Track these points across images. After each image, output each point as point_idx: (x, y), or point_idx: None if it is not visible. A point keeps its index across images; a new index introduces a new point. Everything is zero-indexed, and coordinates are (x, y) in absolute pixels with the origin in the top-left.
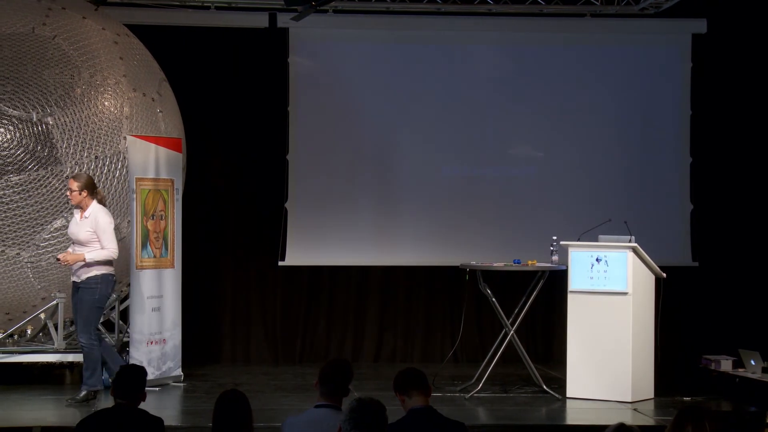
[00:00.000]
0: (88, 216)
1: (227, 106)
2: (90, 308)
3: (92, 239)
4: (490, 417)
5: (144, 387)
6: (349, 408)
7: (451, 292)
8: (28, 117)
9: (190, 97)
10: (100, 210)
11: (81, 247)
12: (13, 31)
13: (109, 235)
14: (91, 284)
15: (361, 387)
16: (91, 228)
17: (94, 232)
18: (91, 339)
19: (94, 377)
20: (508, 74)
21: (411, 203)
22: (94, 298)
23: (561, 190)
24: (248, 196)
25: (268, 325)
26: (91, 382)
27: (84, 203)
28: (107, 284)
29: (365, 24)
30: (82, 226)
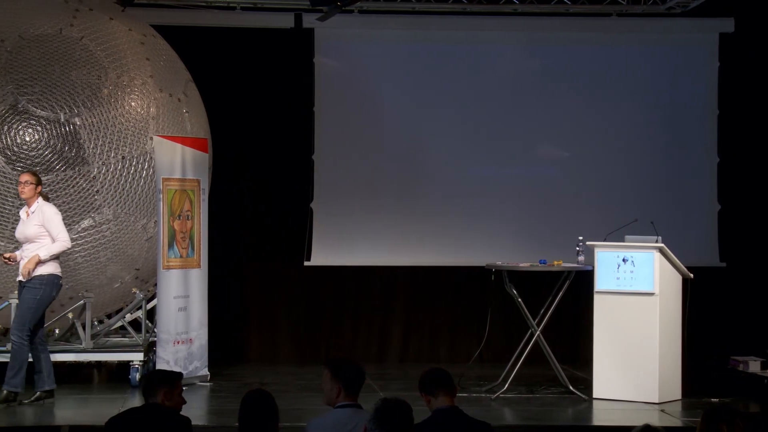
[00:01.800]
0: (34, 211)
1: (253, 107)
2: (28, 307)
3: (41, 234)
4: (516, 417)
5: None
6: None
7: (476, 292)
8: (55, 117)
9: (216, 97)
10: (44, 204)
11: (30, 245)
12: (41, 32)
13: (57, 225)
14: (36, 284)
15: (387, 387)
16: (38, 222)
17: (41, 226)
18: (22, 338)
19: (17, 378)
20: (533, 74)
21: (436, 203)
22: (35, 297)
23: (587, 190)
24: (274, 197)
25: (294, 325)
26: (14, 382)
27: (33, 198)
28: (52, 286)
29: (390, 24)
30: (30, 222)
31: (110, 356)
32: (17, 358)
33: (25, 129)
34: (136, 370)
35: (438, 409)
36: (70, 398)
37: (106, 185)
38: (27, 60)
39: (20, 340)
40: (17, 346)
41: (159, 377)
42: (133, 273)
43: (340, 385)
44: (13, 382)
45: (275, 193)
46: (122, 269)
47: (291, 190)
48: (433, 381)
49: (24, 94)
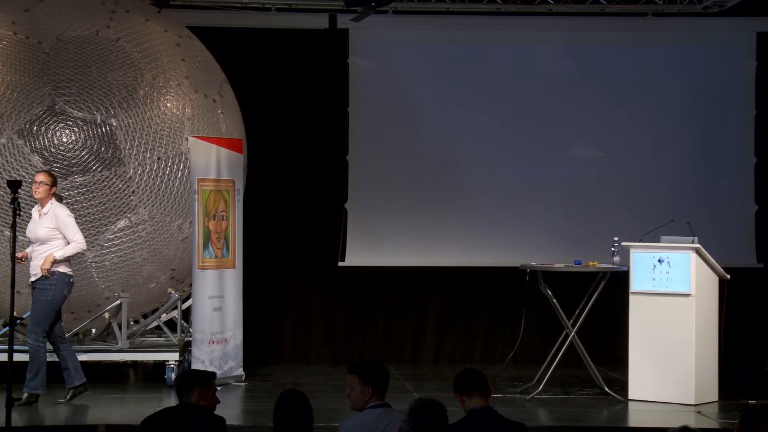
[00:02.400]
0: (46, 212)
1: (287, 107)
2: (41, 308)
3: (52, 236)
4: (551, 418)
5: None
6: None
7: (511, 292)
8: (92, 118)
9: (251, 98)
10: (57, 205)
11: (41, 246)
12: (78, 33)
13: (72, 227)
14: (47, 284)
15: (421, 387)
16: (51, 225)
17: (54, 229)
18: (38, 340)
19: (37, 380)
20: (568, 74)
21: (471, 203)
22: (47, 299)
23: (622, 191)
24: (308, 197)
25: (328, 325)
26: (33, 384)
27: (46, 199)
28: (63, 285)
29: (425, 24)
30: (41, 223)
31: (146, 356)
32: (35, 361)
33: (62, 130)
34: (171, 369)
35: (472, 410)
36: (107, 398)
37: (141, 186)
38: (64, 61)
39: (36, 343)
40: (33, 348)
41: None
42: (168, 273)
43: (371, 387)
44: (33, 384)
45: (310, 193)
46: (158, 269)
47: (325, 191)
48: (467, 381)
49: (61, 96)
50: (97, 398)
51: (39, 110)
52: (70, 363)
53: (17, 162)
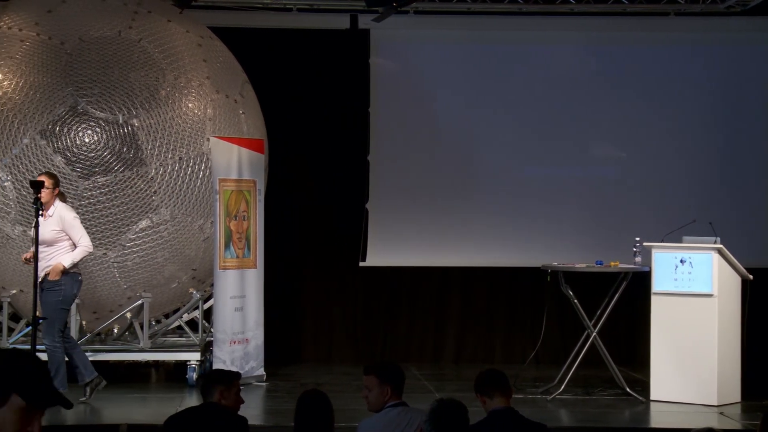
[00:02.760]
0: (51, 214)
1: (309, 108)
2: (54, 309)
3: (59, 238)
4: (572, 419)
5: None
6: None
7: (532, 293)
8: (114, 119)
9: (272, 98)
10: (62, 207)
11: (47, 248)
12: (101, 34)
13: (78, 230)
14: (57, 285)
15: (443, 388)
16: (57, 227)
17: (60, 231)
18: (54, 341)
19: (57, 379)
20: (590, 74)
21: (492, 204)
22: (58, 299)
23: (644, 191)
24: (329, 197)
25: (349, 325)
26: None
27: (50, 201)
28: (72, 284)
29: (446, 25)
30: (47, 225)
31: (168, 356)
32: (53, 361)
33: (85, 130)
34: (193, 369)
35: (494, 410)
36: (129, 397)
37: (163, 186)
38: (86, 62)
39: (53, 343)
40: (51, 348)
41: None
42: (190, 273)
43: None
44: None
45: (331, 193)
46: (179, 269)
47: (347, 191)
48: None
49: (83, 96)
50: (118, 398)
51: (61, 111)
52: (79, 361)
53: (40, 162)
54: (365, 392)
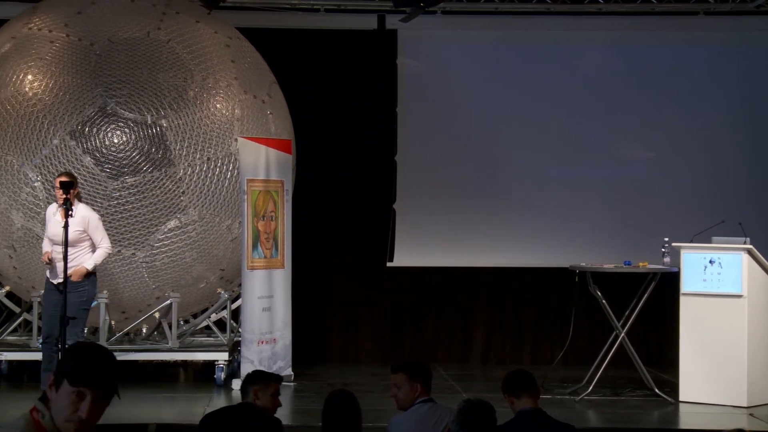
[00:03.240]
0: (73, 215)
1: (336, 108)
2: (78, 310)
3: (81, 238)
4: (601, 420)
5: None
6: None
7: (560, 293)
8: (143, 119)
9: (300, 99)
10: (84, 207)
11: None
12: (130, 35)
13: (101, 231)
14: (80, 287)
15: (470, 388)
16: (80, 227)
17: (83, 231)
18: (79, 339)
19: None
20: (618, 73)
21: (520, 204)
22: (82, 299)
23: (673, 191)
24: (357, 197)
25: (377, 325)
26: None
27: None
28: (93, 284)
29: (474, 25)
30: (71, 226)
31: (196, 355)
32: None
33: (113, 131)
34: (221, 369)
35: (521, 411)
36: (157, 397)
37: (191, 186)
38: (115, 63)
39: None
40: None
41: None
42: (218, 273)
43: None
44: None
45: (358, 194)
46: (207, 270)
47: (374, 192)
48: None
49: (112, 97)
50: (147, 397)
51: (91, 111)
52: None
53: (69, 163)
54: (394, 390)
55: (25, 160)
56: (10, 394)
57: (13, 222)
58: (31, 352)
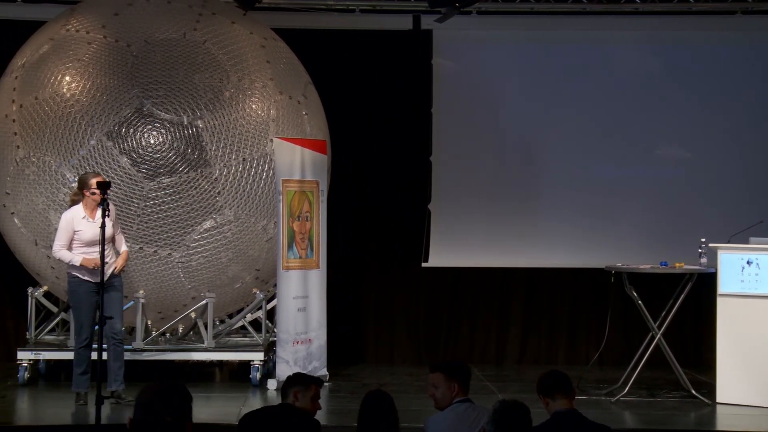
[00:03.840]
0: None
1: (371, 108)
2: (120, 307)
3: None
4: (637, 421)
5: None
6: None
7: (596, 294)
8: (179, 120)
9: (335, 99)
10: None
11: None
12: (166, 36)
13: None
14: (118, 284)
15: (505, 389)
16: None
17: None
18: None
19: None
20: (655, 73)
21: (555, 204)
22: (120, 295)
23: (710, 191)
24: (392, 198)
25: (412, 325)
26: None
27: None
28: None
29: (509, 25)
30: (115, 224)
31: (231, 355)
32: (122, 356)
33: (150, 132)
34: (256, 369)
35: (557, 412)
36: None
37: (227, 187)
38: (152, 64)
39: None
40: (121, 345)
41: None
42: (253, 273)
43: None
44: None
45: (393, 194)
46: (243, 270)
47: (409, 192)
48: (551, 383)
49: (149, 98)
50: None
51: (127, 112)
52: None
53: (106, 164)
54: (432, 390)
55: (63, 160)
56: (48, 394)
57: (51, 222)
58: (68, 351)
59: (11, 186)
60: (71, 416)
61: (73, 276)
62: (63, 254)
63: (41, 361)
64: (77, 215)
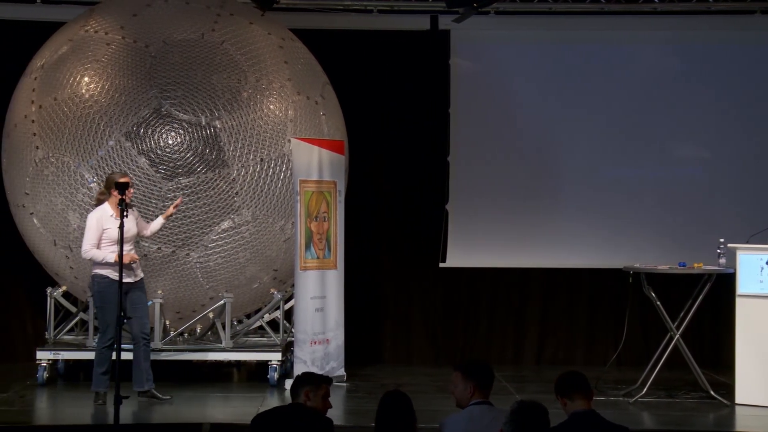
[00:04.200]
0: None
1: (389, 109)
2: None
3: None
4: (655, 422)
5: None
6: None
7: (614, 294)
8: (197, 121)
9: (353, 100)
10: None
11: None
12: (184, 37)
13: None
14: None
15: (523, 389)
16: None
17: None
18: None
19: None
20: (673, 73)
21: (573, 204)
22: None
23: (729, 191)
24: (409, 198)
25: (429, 326)
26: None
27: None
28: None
29: (527, 25)
30: (139, 222)
31: (249, 356)
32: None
33: (168, 132)
34: (274, 369)
35: (575, 413)
36: (211, 396)
37: (245, 187)
38: (170, 64)
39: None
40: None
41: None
42: (271, 274)
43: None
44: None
45: (411, 194)
46: (261, 270)
47: (426, 192)
48: (569, 384)
49: (167, 98)
50: (201, 397)
51: (146, 113)
52: (145, 365)
53: (125, 164)
54: (451, 387)
55: (82, 161)
56: (67, 393)
57: (69, 222)
58: (87, 351)
59: (30, 186)
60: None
61: (102, 276)
62: (95, 253)
63: (60, 360)
64: (105, 214)
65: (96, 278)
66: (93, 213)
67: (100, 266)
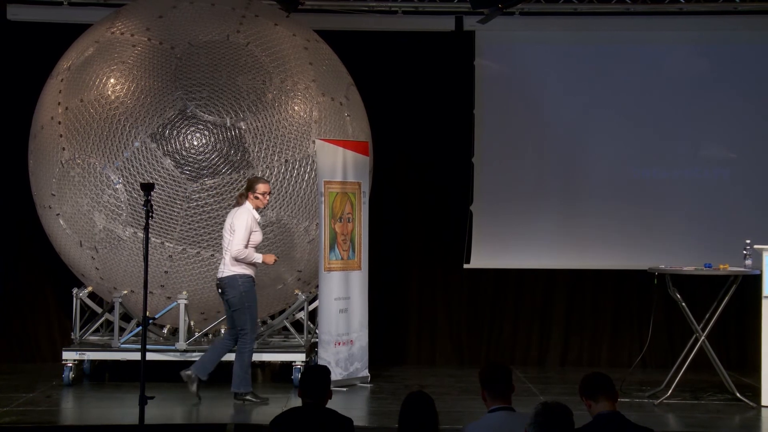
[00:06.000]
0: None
1: (413, 110)
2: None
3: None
4: (681, 424)
5: (329, 386)
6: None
7: (639, 295)
8: (222, 122)
9: (377, 101)
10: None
11: (255, 250)
12: (209, 38)
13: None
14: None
15: (547, 391)
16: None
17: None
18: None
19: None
20: (699, 74)
21: (598, 205)
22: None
23: (755, 192)
24: (434, 199)
25: (454, 327)
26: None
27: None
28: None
29: (552, 26)
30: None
31: (273, 356)
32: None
33: (193, 133)
34: (298, 370)
35: (599, 414)
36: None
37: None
38: (195, 66)
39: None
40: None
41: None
42: (295, 275)
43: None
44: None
45: (435, 195)
46: (285, 271)
47: (451, 193)
48: (594, 385)
49: (192, 100)
50: (225, 397)
51: (171, 114)
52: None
53: (150, 165)
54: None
55: (107, 162)
56: (93, 394)
57: (95, 224)
58: (112, 351)
59: (57, 188)
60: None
61: (247, 276)
62: (250, 253)
63: (86, 361)
64: (253, 217)
65: (241, 278)
66: (244, 214)
67: (246, 267)
